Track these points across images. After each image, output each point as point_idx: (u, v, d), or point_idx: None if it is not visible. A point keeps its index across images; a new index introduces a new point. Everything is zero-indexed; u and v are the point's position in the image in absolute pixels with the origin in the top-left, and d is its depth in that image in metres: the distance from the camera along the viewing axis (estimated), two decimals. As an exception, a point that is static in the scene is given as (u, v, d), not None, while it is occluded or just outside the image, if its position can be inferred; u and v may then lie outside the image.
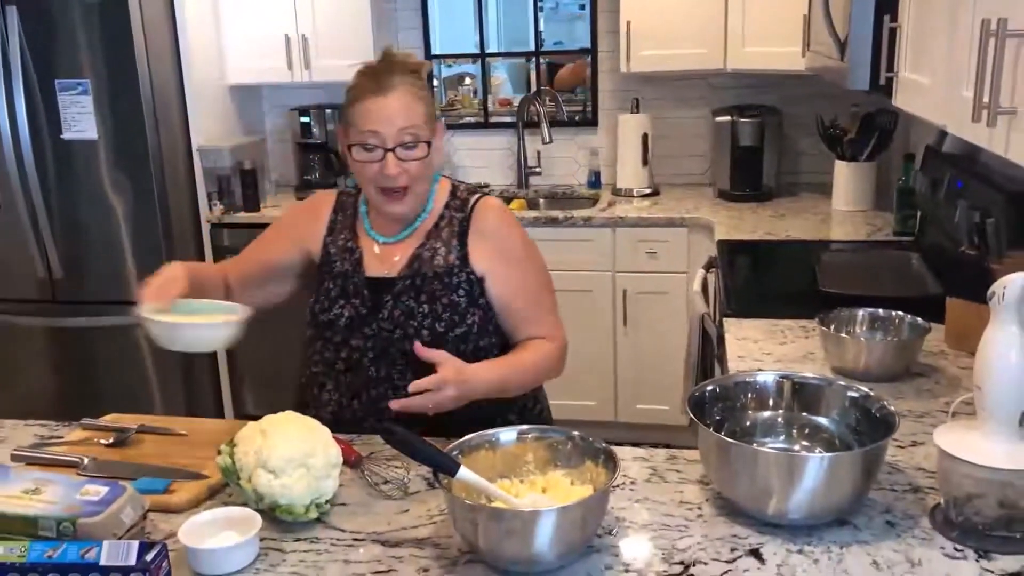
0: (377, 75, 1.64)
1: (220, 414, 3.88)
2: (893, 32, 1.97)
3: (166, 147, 3.52)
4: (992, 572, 1.18)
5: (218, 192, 3.72)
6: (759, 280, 2.71)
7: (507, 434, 1.33)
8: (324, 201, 1.83)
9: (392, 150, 1.60)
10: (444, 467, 1.25)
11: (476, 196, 1.76)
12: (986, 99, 1.30)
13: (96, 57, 3.34)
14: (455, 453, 1.30)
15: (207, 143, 3.70)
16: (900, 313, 1.85)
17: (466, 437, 1.34)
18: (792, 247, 2.94)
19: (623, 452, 1.51)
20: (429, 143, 1.64)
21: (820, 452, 1.39)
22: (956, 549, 1.23)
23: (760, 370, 1.50)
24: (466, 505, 1.20)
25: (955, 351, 1.93)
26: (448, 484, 1.25)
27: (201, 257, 3.74)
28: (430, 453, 1.25)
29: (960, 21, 1.55)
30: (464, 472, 1.24)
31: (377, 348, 1.68)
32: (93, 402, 3.58)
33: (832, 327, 1.86)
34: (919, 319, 1.83)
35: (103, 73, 3.35)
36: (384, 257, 1.73)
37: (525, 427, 1.36)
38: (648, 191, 3.76)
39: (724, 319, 2.20)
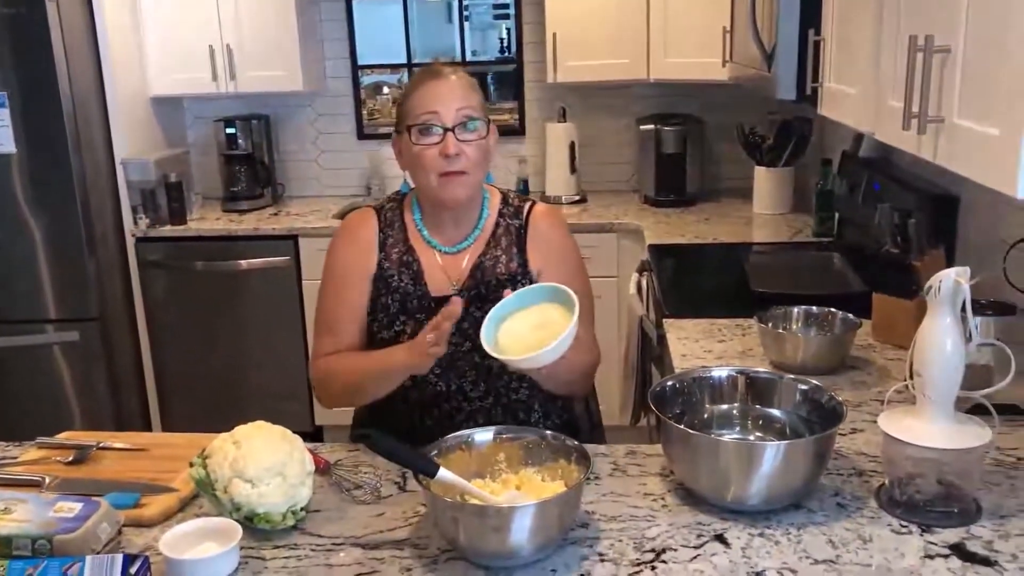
0: (431, 67, 1.68)
1: (149, 431, 3.80)
2: (817, 44, 2.09)
3: (88, 160, 3.44)
4: (935, 544, 1.28)
5: (143, 205, 3.65)
6: (692, 282, 2.81)
7: (482, 435, 1.38)
8: (363, 223, 1.76)
9: (451, 129, 1.60)
10: (424, 469, 1.28)
11: (529, 203, 1.79)
12: (915, 109, 1.41)
13: (13, 68, 3.25)
14: (433, 454, 1.34)
15: (130, 156, 3.63)
16: (832, 310, 1.97)
17: (442, 439, 1.38)
18: (720, 249, 3.06)
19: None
20: (488, 122, 1.66)
21: (773, 440, 1.47)
22: (902, 525, 1.33)
23: (714, 366, 1.57)
24: (448, 503, 1.24)
25: (881, 343, 2.05)
26: (428, 484, 1.28)
27: (126, 272, 3.66)
28: (410, 456, 1.29)
29: (886, 36, 1.66)
30: (443, 473, 1.28)
31: (444, 362, 1.64)
32: (14, 423, 3.49)
33: (770, 324, 1.96)
34: (850, 315, 1.94)
35: (21, 84, 3.26)
36: (447, 268, 1.72)
37: (500, 427, 1.41)
38: (576, 198, 3.85)
39: (664, 320, 2.29)
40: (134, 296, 3.70)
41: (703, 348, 2.08)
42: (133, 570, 1.18)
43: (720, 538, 1.32)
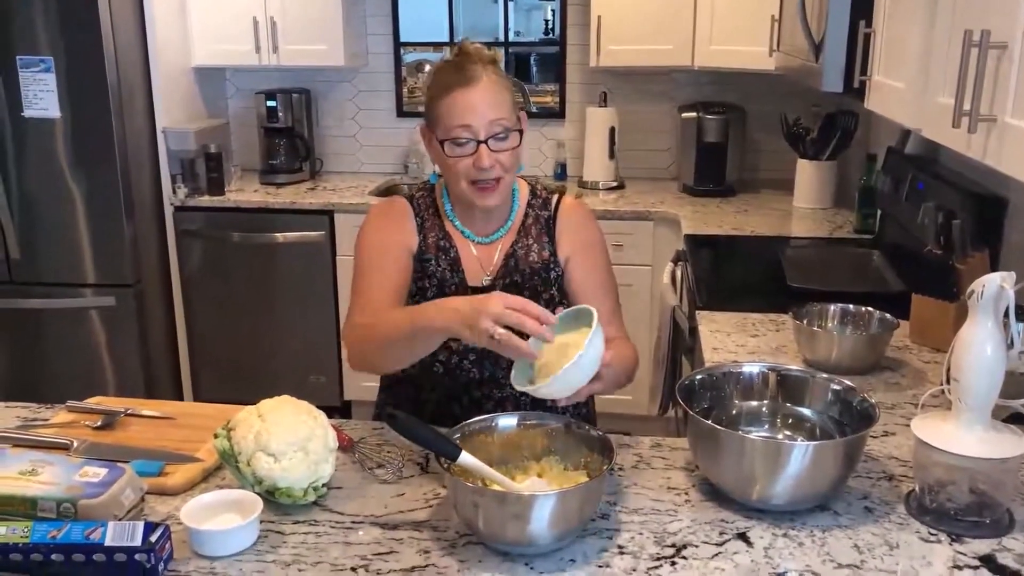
0: (459, 66, 1.59)
1: (180, 399, 3.85)
2: (867, 37, 2.03)
3: (130, 128, 3.47)
4: (965, 555, 1.25)
5: (182, 175, 3.68)
6: (727, 274, 2.78)
7: (506, 420, 1.37)
8: (400, 205, 1.73)
9: (484, 142, 1.56)
10: (446, 452, 1.27)
11: (557, 195, 1.77)
12: (967, 106, 1.36)
13: (60, 35, 3.28)
14: (456, 437, 1.33)
15: (172, 125, 3.65)
16: (870, 309, 1.93)
17: (466, 422, 1.37)
18: (757, 242, 3.01)
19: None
20: (520, 132, 1.62)
21: (802, 440, 1.45)
22: (931, 533, 1.30)
23: (745, 361, 1.55)
24: (469, 488, 1.23)
25: (919, 345, 2.01)
26: (449, 468, 1.28)
27: (163, 240, 3.70)
28: (432, 438, 1.28)
29: (939, 30, 1.62)
30: (465, 457, 1.27)
31: (479, 349, 1.64)
32: (48, 385, 3.56)
33: (805, 321, 1.92)
34: (888, 315, 1.90)
35: (67, 52, 3.29)
36: (482, 258, 1.70)
37: (524, 413, 1.40)
38: (614, 184, 3.82)
39: (697, 312, 2.26)
40: (170, 264, 3.74)
41: (735, 342, 2.05)
42: (154, 538, 1.19)
43: (743, 537, 1.30)
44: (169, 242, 3.71)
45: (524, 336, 1.33)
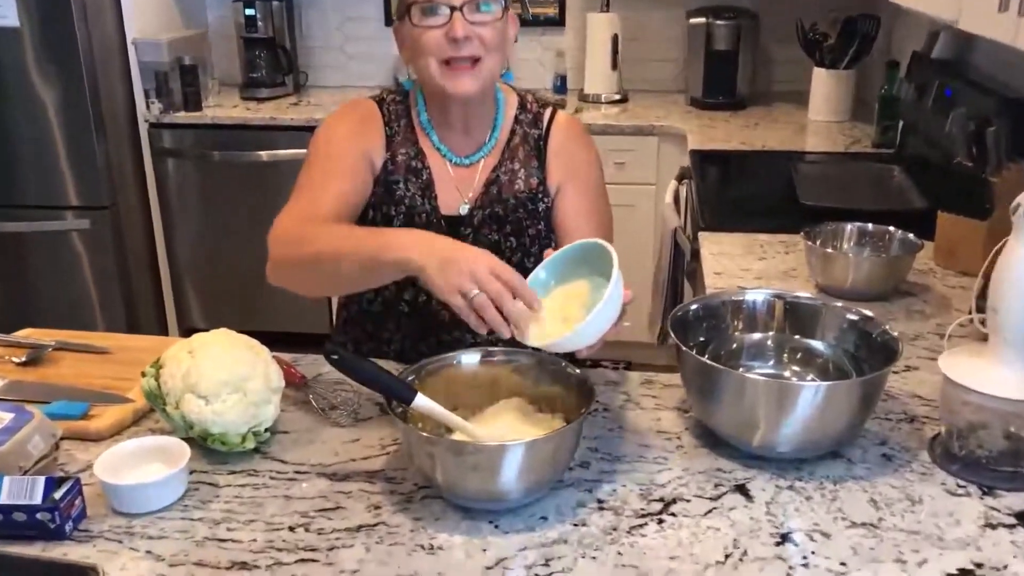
0: None
1: (163, 327, 3.70)
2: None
3: (97, 38, 3.23)
4: (998, 510, 1.08)
5: (155, 90, 3.45)
6: (735, 192, 2.57)
7: (470, 356, 1.19)
8: (369, 111, 1.49)
9: (460, 8, 1.33)
10: (398, 394, 1.10)
11: (549, 109, 1.54)
12: (1018, -15, 1.15)
13: (16, -66, 3.02)
14: (410, 379, 1.16)
15: (143, 35, 3.41)
16: (891, 229, 1.73)
17: (423, 361, 1.19)
18: (768, 157, 2.79)
19: (593, 376, 1.39)
20: (505, 7, 1.39)
21: (812, 379, 1.27)
22: (959, 485, 1.13)
23: (749, 288, 1.36)
24: (423, 438, 1.06)
25: (943, 269, 1.82)
26: (403, 413, 1.11)
27: (139, 160, 3.49)
28: (382, 379, 1.10)
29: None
30: (421, 400, 1.10)
31: None
32: (29, 312, 3.40)
33: (818, 242, 1.73)
34: (910, 235, 1.71)
35: (24, -47, 3.04)
36: (459, 182, 1.48)
37: (490, 349, 1.22)
38: (617, 97, 3.57)
39: (699, 233, 2.07)
40: (147, 185, 3.54)
41: (740, 266, 1.86)
42: (59, 494, 1.03)
43: (741, 489, 1.13)
44: (145, 162, 3.51)
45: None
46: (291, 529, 1.06)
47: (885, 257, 1.70)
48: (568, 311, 1.13)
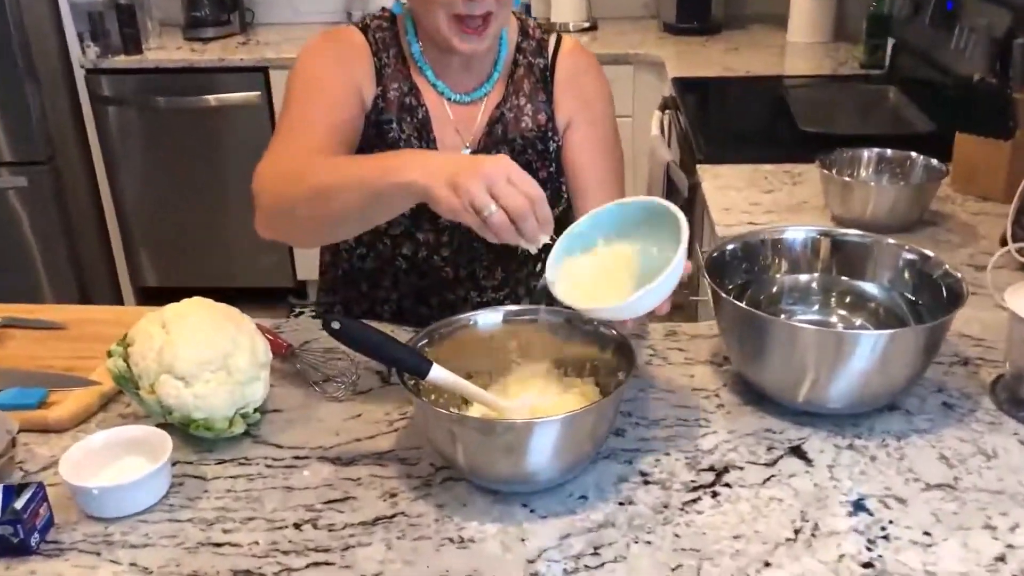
0: None
1: (115, 288, 3.49)
2: None
3: (20, -24, 2.96)
4: (1080, 461, 0.98)
5: (90, 32, 3.19)
6: (728, 122, 2.43)
7: (488, 317, 1.04)
8: (352, 40, 1.30)
9: None
10: (410, 366, 0.96)
11: (554, 36, 1.37)
12: None
13: None
14: (422, 345, 1.01)
15: (72, -28, 3.14)
16: (912, 154, 1.61)
17: (434, 324, 1.05)
18: (753, 84, 2.65)
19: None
20: None
21: (863, 324, 1.15)
22: (1033, 434, 1.03)
23: (789, 225, 1.23)
24: (446, 416, 0.92)
25: (962, 195, 1.71)
26: (415, 386, 0.97)
27: (77, 109, 3.24)
28: (392, 349, 0.96)
29: None
30: (437, 371, 0.96)
31: (455, 243, 1.31)
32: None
33: (835, 170, 1.60)
34: (934, 160, 1.59)
35: None
36: (459, 121, 1.31)
37: (512, 308, 1.08)
38: (586, 25, 3.39)
39: (697, 166, 1.93)
40: (88, 137, 3.30)
41: (747, 199, 1.73)
42: (20, 504, 0.88)
43: (797, 452, 1.02)
44: (84, 111, 3.25)
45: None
46: (297, 527, 0.92)
47: (909, 185, 1.59)
48: (614, 276, 0.99)
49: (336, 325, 0.94)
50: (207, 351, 1.03)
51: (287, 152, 1.17)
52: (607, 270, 0.99)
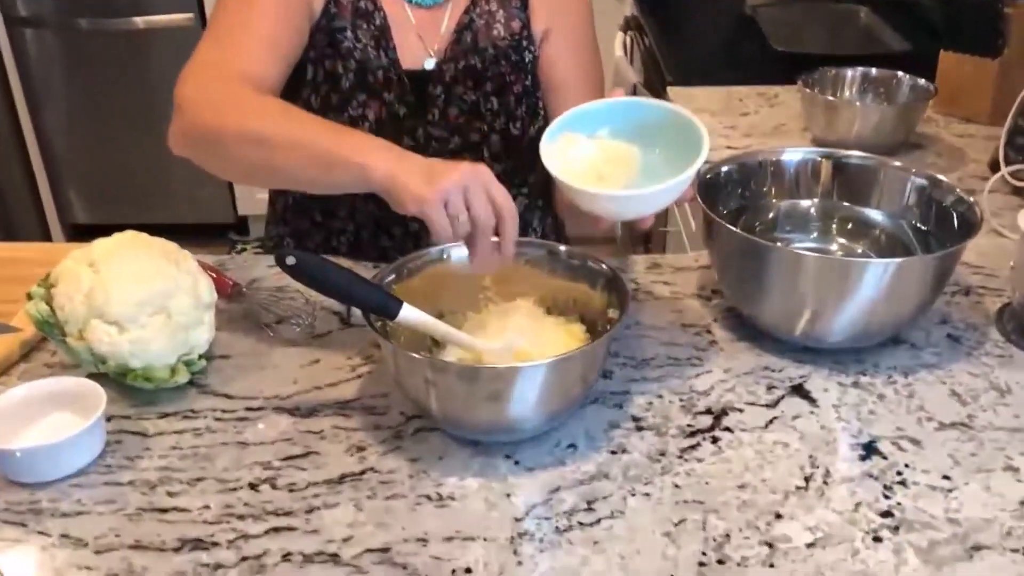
0: None
1: (44, 226, 3.29)
2: None
3: None
4: (1096, 394, 0.92)
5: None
6: (694, 42, 2.30)
7: (462, 250, 0.93)
8: None
9: None
10: (378, 306, 0.85)
11: None
12: None
13: None
14: (389, 282, 0.90)
15: None
16: (898, 73, 1.53)
17: (403, 259, 0.94)
18: (719, 3, 2.53)
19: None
20: None
21: (864, 253, 1.07)
22: (1045, 367, 0.96)
23: (787, 147, 1.14)
24: (421, 362, 0.82)
25: (944, 116, 1.63)
26: (383, 328, 0.86)
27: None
28: (356, 287, 0.85)
29: None
30: (408, 312, 0.85)
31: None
32: None
33: (816, 90, 1.51)
34: (921, 80, 1.51)
35: None
36: (423, 28, 1.16)
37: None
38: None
39: (668, 88, 1.82)
40: (5, 65, 3.05)
41: (724, 124, 1.63)
42: (-72, 473, 0.76)
43: (799, 391, 0.94)
44: (-1, 37, 3.01)
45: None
46: (253, 487, 0.82)
47: (895, 106, 1.50)
48: (610, 169, 0.91)
49: (291, 261, 0.82)
50: (143, 291, 0.90)
51: (218, 63, 1.04)
52: (604, 160, 0.92)
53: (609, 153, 0.93)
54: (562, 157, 0.92)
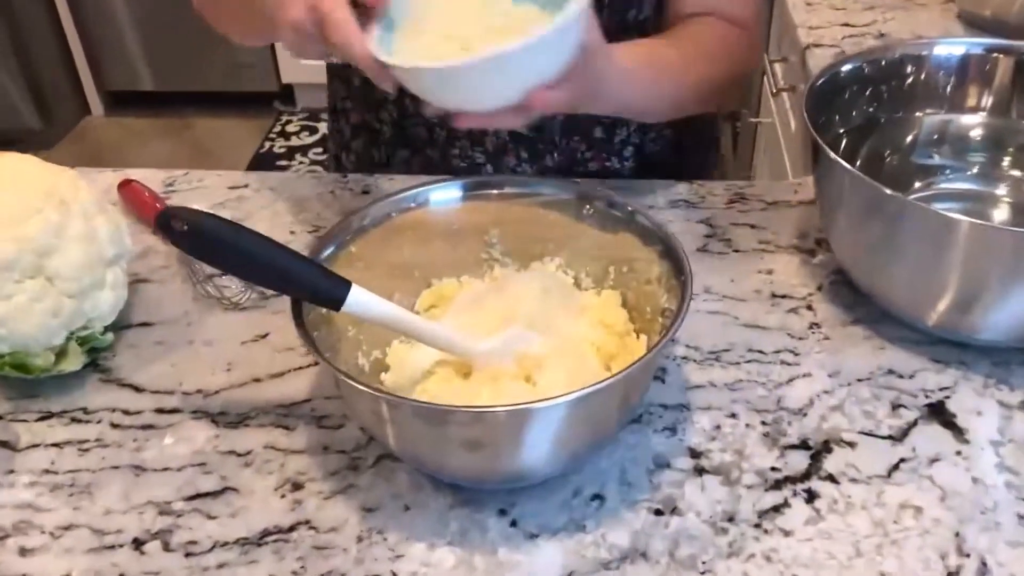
0: None
1: (79, 95, 3.07)
2: None
3: None
4: None
5: None
6: None
7: (446, 192, 0.64)
8: None
9: None
10: (321, 293, 0.57)
11: None
12: None
13: None
14: (329, 253, 0.62)
15: None
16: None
17: (354, 210, 0.65)
18: None
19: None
20: None
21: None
22: None
23: (939, 37, 0.78)
24: (367, 396, 0.54)
25: None
26: (324, 327, 0.59)
27: None
28: (278, 261, 0.57)
29: None
30: (359, 295, 0.57)
31: None
32: None
33: (972, -51, 1.13)
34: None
35: None
36: None
37: (485, 179, 0.68)
38: None
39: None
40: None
41: (832, 5, 1.26)
42: None
43: (939, 413, 0.64)
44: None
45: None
46: (138, 545, 0.58)
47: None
48: (472, 31, 0.59)
49: (181, 225, 0.55)
50: (8, 245, 0.65)
51: None
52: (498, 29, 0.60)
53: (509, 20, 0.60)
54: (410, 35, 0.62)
